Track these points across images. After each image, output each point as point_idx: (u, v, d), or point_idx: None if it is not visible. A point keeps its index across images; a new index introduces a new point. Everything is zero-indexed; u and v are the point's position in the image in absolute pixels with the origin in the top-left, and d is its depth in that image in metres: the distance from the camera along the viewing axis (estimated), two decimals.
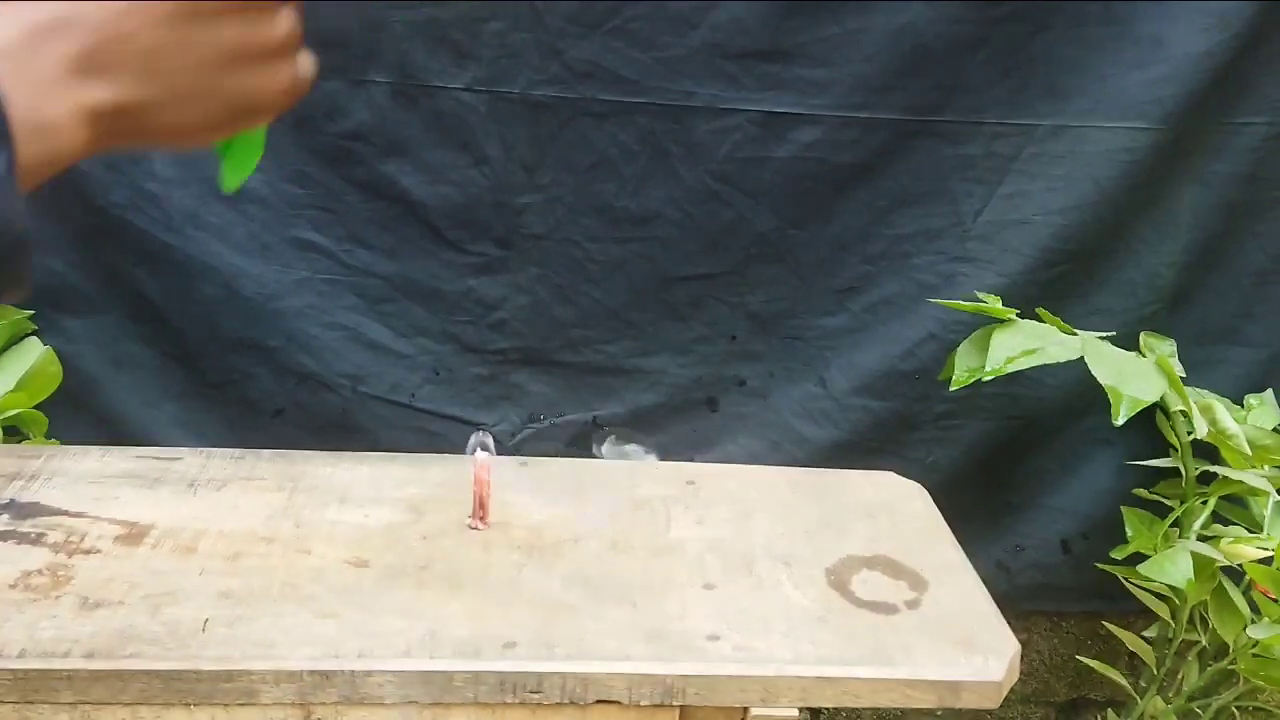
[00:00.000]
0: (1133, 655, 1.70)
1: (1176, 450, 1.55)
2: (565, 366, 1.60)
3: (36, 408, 1.45)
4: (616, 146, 1.49)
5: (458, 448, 1.26)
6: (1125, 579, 1.55)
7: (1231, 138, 1.54)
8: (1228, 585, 1.48)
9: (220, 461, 1.22)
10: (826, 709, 1.27)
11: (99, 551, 1.04)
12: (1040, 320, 1.47)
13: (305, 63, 0.59)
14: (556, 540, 1.12)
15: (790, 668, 0.95)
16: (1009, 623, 1.04)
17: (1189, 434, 1.50)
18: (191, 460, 1.22)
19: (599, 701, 0.94)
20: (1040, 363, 1.41)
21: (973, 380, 1.42)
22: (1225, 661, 1.52)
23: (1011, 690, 1.00)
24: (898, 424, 1.63)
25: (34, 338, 1.50)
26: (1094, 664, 1.66)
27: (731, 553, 1.12)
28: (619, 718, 0.95)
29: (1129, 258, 1.58)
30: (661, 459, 1.37)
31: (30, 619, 0.94)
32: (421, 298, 1.55)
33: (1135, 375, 1.41)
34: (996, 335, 1.43)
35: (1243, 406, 1.60)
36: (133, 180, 1.47)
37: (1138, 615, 1.63)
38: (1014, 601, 1.66)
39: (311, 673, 0.91)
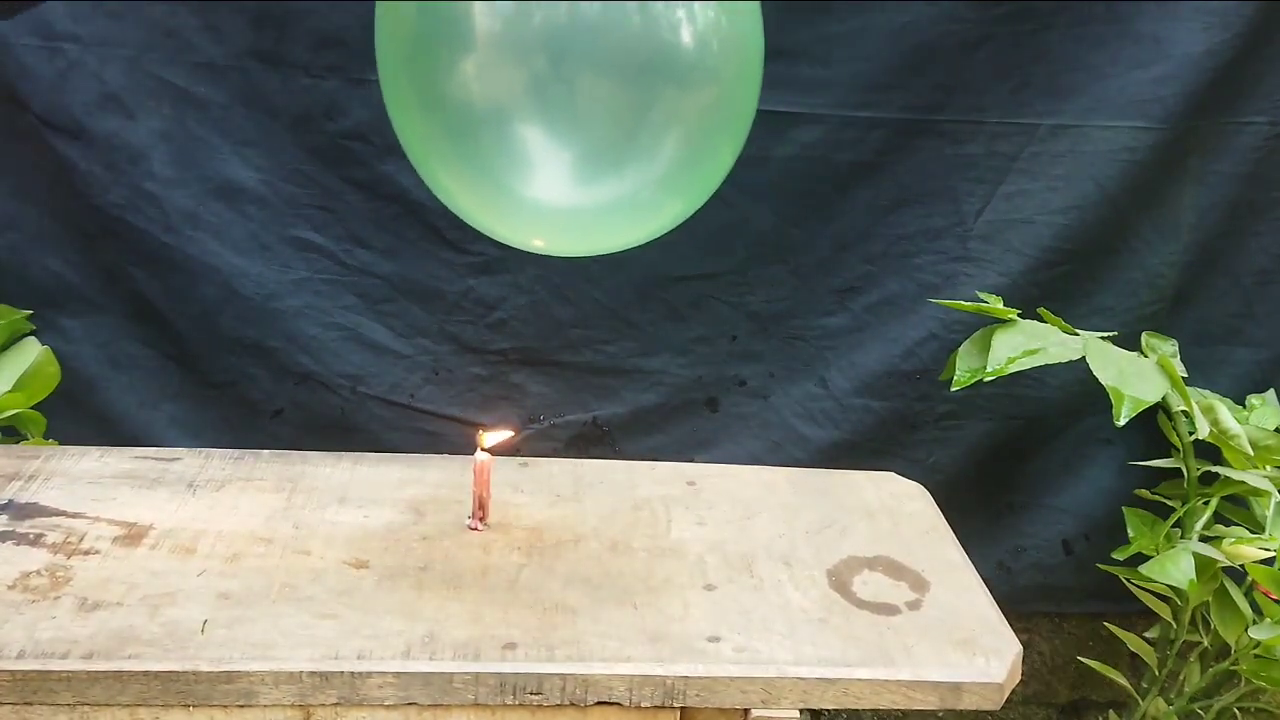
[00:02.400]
0: (1134, 656, 1.70)
1: (1178, 450, 1.54)
2: (565, 366, 1.60)
3: (35, 408, 1.45)
4: None
5: (457, 448, 1.25)
6: (1127, 580, 1.54)
7: (1233, 137, 1.54)
8: (1229, 586, 1.48)
9: (219, 462, 1.21)
10: (827, 710, 1.27)
11: (98, 552, 1.04)
12: (1042, 320, 1.47)
13: None
14: (557, 541, 1.11)
15: (791, 669, 0.95)
16: (1010, 624, 1.04)
17: (1191, 434, 1.49)
18: (190, 461, 1.21)
19: (599, 703, 0.94)
20: (1042, 363, 1.41)
21: (974, 380, 1.42)
22: (1227, 663, 1.52)
23: (1013, 691, 1.00)
24: (899, 424, 1.62)
25: (32, 338, 1.50)
26: (1096, 665, 1.65)
27: (732, 554, 1.11)
28: (619, 719, 0.95)
29: (1130, 257, 1.58)
30: (662, 460, 1.36)
31: (29, 620, 0.94)
32: (421, 298, 1.55)
33: (1137, 375, 1.41)
34: (998, 335, 1.43)
35: (1244, 406, 1.60)
36: (131, 180, 1.46)
37: (1139, 616, 1.63)
38: (1015, 602, 1.65)
39: (311, 674, 0.91)
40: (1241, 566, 1.44)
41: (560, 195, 0.97)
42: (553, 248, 1.07)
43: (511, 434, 1.15)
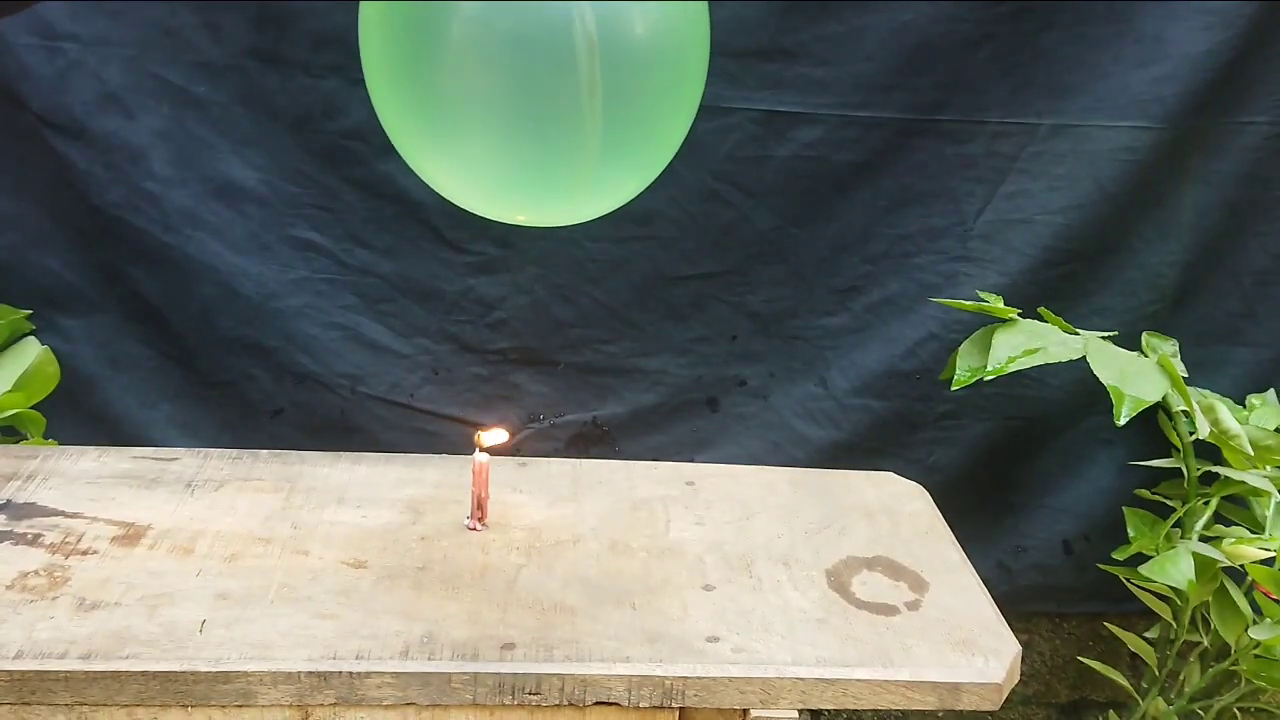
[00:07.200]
0: (1134, 656, 1.70)
1: (1178, 450, 1.54)
2: (565, 366, 1.60)
3: (34, 408, 1.44)
4: None
5: (457, 448, 1.25)
6: (1127, 580, 1.54)
7: (1233, 137, 1.53)
8: (1229, 586, 1.48)
9: (218, 462, 1.21)
10: (827, 710, 1.27)
11: (96, 552, 1.04)
12: (1042, 320, 1.47)
13: None
14: (555, 541, 1.11)
15: (790, 669, 0.95)
16: (1010, 624, 1.04)
17: (1191, 434, 1.49)
18: (189, 461, 1.21)
19: (598, 703, 0.94)
20: (1042, 362, 1.41)
21: (974, 380, 1.42)
22: (1227, 663, 1.52)
23: (1012, 692, 1.00)
24: (899, 424, 1.62)
25: (32, 338, 1.50)
26: (1096, 665, 1.65)
27: (731, 554, 1.11)
28: (618, 719, 0.95)
29: (1131, 257, 1.57)
30: (662, 460, 1.36)
31: (27, 620, 0.94)
32: (420, 297, 1.55)
33: (1137, 375, 1.41)
34: (998, 335, 1.43)
35: (1245, 406, 1.59)
36: (130, 180, 1.46)
37: (1139, 616, 1.63)
38: (1015, 602, 1.65)
39: (309, 674, 0.91)
40: (1241, 566, 1.44)
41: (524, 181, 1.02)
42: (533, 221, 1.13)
43: (507, 435, 1.15)
